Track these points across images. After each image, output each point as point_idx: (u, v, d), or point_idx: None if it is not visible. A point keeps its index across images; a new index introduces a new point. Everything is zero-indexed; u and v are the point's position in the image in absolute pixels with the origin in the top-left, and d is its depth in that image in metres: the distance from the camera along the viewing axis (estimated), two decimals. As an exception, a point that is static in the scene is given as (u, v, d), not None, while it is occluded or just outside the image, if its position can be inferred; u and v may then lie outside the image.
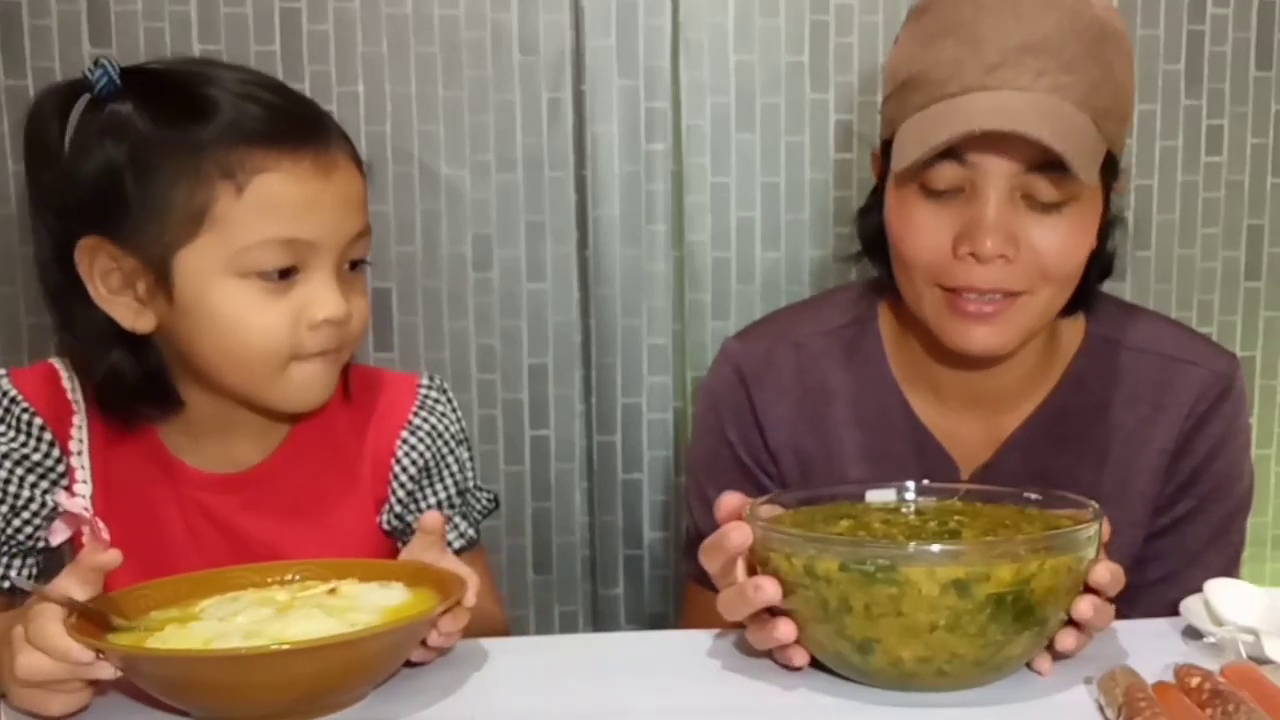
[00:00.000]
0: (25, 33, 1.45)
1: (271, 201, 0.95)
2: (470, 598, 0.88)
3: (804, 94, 1.53)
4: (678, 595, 1.56)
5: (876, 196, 1.15)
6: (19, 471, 1.02)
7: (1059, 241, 1.03)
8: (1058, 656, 0.87)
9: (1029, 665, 0.87)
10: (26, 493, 1.02)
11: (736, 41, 1.52)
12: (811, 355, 1.19)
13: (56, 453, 1.03)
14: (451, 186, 1.52)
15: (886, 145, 1.11)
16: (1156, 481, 1.14)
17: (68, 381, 1.05)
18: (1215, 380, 1.14)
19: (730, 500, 0.93)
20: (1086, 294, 1.13)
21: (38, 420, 1.02)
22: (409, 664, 0.90)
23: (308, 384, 1.00)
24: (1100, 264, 1.13)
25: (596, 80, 1.50)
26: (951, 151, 1.00)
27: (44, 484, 1.02)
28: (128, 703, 0.85)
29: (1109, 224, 1.12)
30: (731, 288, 1.55)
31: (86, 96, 0.98)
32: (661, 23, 1.50)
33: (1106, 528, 0.88)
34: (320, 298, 0.97)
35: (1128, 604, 1.11)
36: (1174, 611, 0.97)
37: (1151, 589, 1.13)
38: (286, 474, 1.07)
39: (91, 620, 0.82)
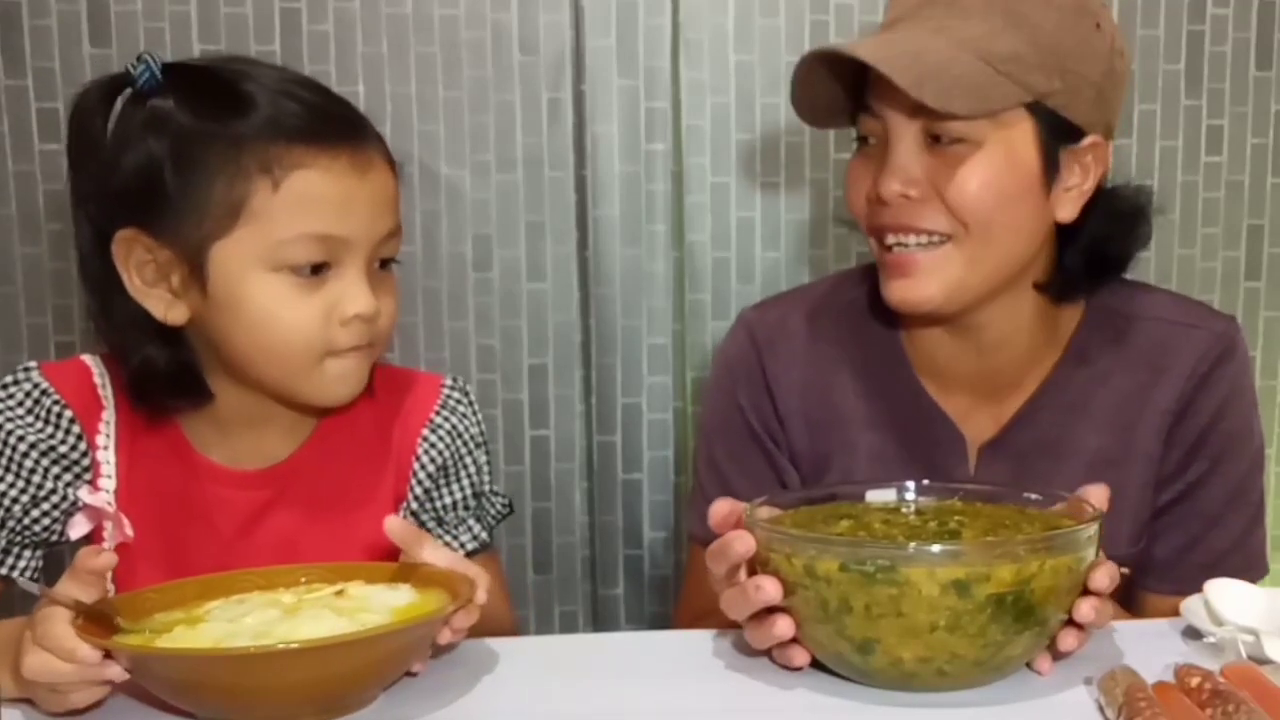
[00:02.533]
0: (25, 33, 1.45)
1: (307, 197, 0.96)
2: (481, 595, 0.88)
3: (804, 94, 1.52)
4: (677, 595, 1.56)
5: None
6: (44, 463, 1.03)
7: (967, 180, 1.04)
8: (1058, 656, 0.87)
9: (1029, 665, 0.87)
10: (49, 484, 1.03)
11: (736, 41, 1.52)
12: (824, 325, 1.21)
13: (83, 446, 1.04)
14: (451, 186, 1.52)
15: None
16: (1160, 442, 1.14)
17: (99, 378, 1.06)
18: (1215, 341, 1.14)
19: (721, 506, 0.93)
20: (1076, 281, 1.13)
21: (68, 413, 1.03)
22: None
23: (341, 379, 1.01)
24: (1083, 247, 1.11)
25: (596, 80, 1.50)
26: (867, 106, 1.07)
27: (67, 476, 1.04)
28: (136, 705, 0.85)
29: (1097, 202, 1.10)
30: (731, 288, 1.56)
31: (129, 91, 0.99)
32: (661, 23, 1.50)
33: (1101, 494, 0.89)
34: (351, 294, 0.98)
35: (1151, 575, 1.12)
36: (1202, 577, 0.97)
37: (1175, 557, 1.13)
38: (312, 470, 1.08)
39: (98, 622, 0.82)
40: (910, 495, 0.97)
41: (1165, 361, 1.14)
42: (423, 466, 1.10)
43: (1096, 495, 0.91)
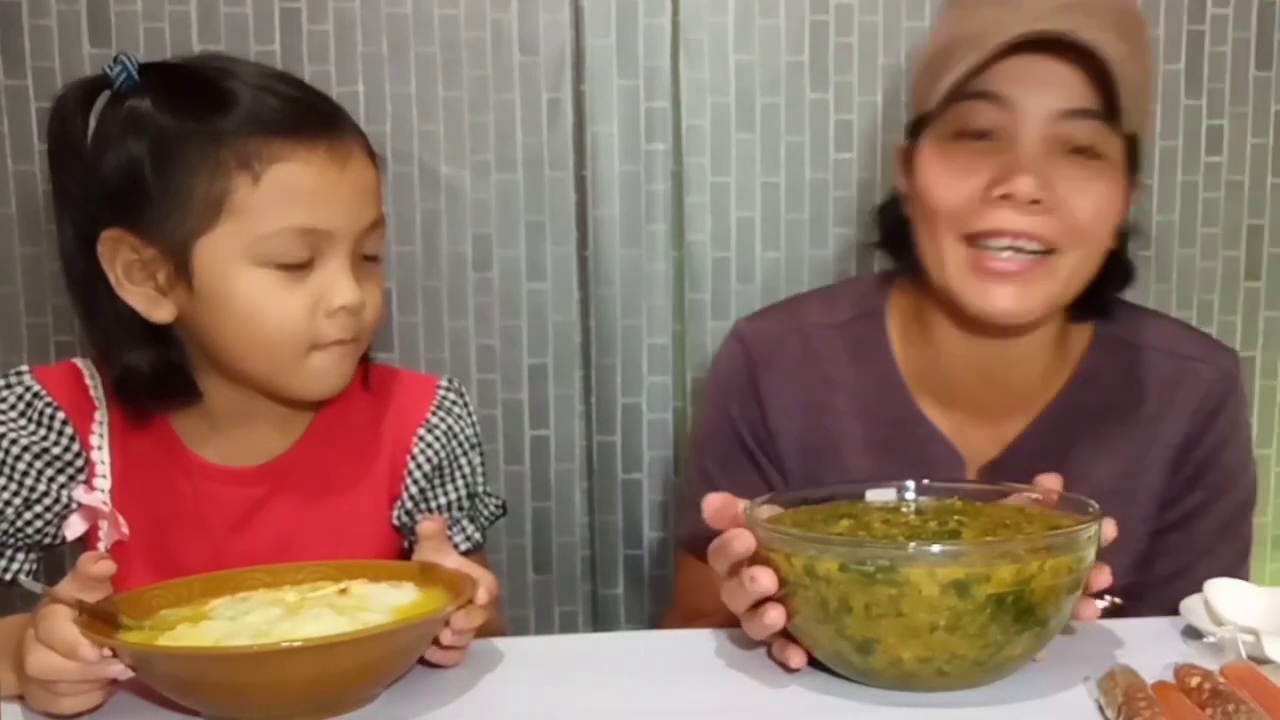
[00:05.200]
0: (25, 33, 1.45)
1: (288, 190, 0.96)
2: (482, 595, 0.88)
3: (804, 94, 1.52)
4: (676, 595, 1.56)
5: (896, 191, 1.16)
6: (37, 465, 1.03)
7: (1093, 195, 1.04)
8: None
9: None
10: (42, 486, 1.03)
11: (736, 41, 1.52)
12: (818, 346, 1.20)
13: (76, 447, 1.04)
14: (451, 186, 1.52)
15: (915, 127, 1.11)
16: (1164, 476, 1.15)
17: (90, 379, 1.07)
18: (1222, 377, 1.16)
19: (715, 500, 0.93)
20: (1105, 301, 1.14)
21: (60, 414, 1.04)
22: (430, 665, 0.90)
23: (326, 372, 1.02)
24: (1120, 271, 1.14)
25: (596, 80, 1.50)
26: (989, 93, 1.01)
27: (61, 478, 1.04)
28: (139, 702, 0.86)
29: (1126, 230, 1.12)
30: (731, 288, 1.55)
31: (107, 93, 1.00)
32: (661, 23, 1.50)
33: (1111, 528, 0.87)
34: (336, 286, 0.99)
35: (1137, 600, 1.12)
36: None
37: (1162, 584, 1.13)
38: (306, 467, 1.08)
39: (102, 619, 0.82)
40: (911, 495, 0.97)
41: (1174, 396, 1.15)
42: (418, 466, 1.10)
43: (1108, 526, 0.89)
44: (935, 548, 0.80)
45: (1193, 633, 0.94)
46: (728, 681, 0.89)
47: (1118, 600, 0.98)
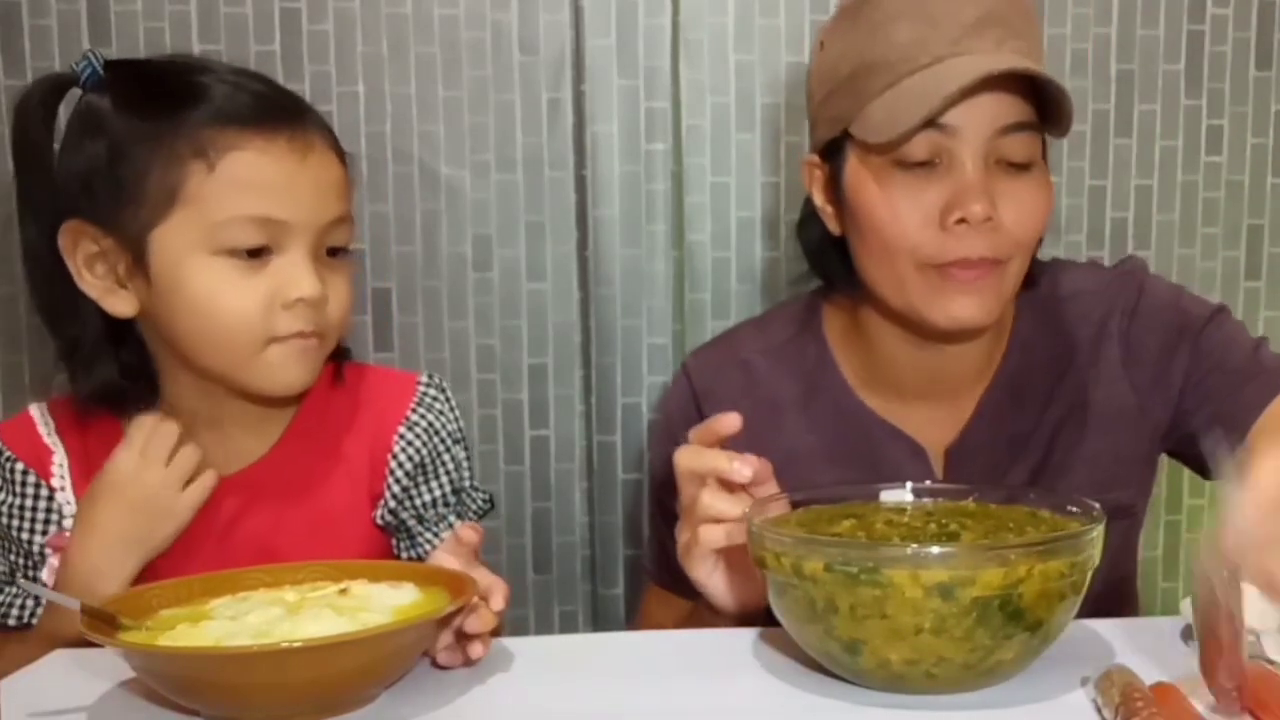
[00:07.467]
0: (25, 33, 1.45)
1: (243, 179, 0.96)
2: (499, 601, 0.88)
3: (804, 94, 1.52)
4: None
5: (811, 207, 1.18)
6: (15, 523, 1.04)
7: (1030, 204, 1.06)
8: None
9: None
10: (24, 537, 1.04)
11: (736, 41, 1.52)
12: (759, 372, 1.21)
13: (41, 492, 1.05)
14: (451, 186, 1.52)
15: (831, 146, 1.12)
16: (1142, 385, 1.15)
17: (42, 425, 1.07)
18: (1127, 279, 1.18)
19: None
20: (1030, 273, 1.16)
21: (20, 465, 1.04)
22: (440, 667, 0.90)
23: (285, 366, 1.00)
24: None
25: (596, 80, 1.50)
26: (933, 123, 1.03)
27: (39, 529, 1.04)
28: (139, 702, 0.86)
29: None
30: (731, 288, 1.55)
31: (73, 90, 1.01)
32: (661, 23, 1.50)
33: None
34: (294, 278, 0.98)
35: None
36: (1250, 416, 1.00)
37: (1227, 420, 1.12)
38: (284, 471, 1.07)
39: (102, 619, 0.83)
40: (924, 496, 0.97)
41: (1100, 321, 1.17)
42: (400, 465, 1.10)
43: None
44: (919, 550, 0.79)
45: (1192, 633, 0.94)
46: (727, 681, 0.89)
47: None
